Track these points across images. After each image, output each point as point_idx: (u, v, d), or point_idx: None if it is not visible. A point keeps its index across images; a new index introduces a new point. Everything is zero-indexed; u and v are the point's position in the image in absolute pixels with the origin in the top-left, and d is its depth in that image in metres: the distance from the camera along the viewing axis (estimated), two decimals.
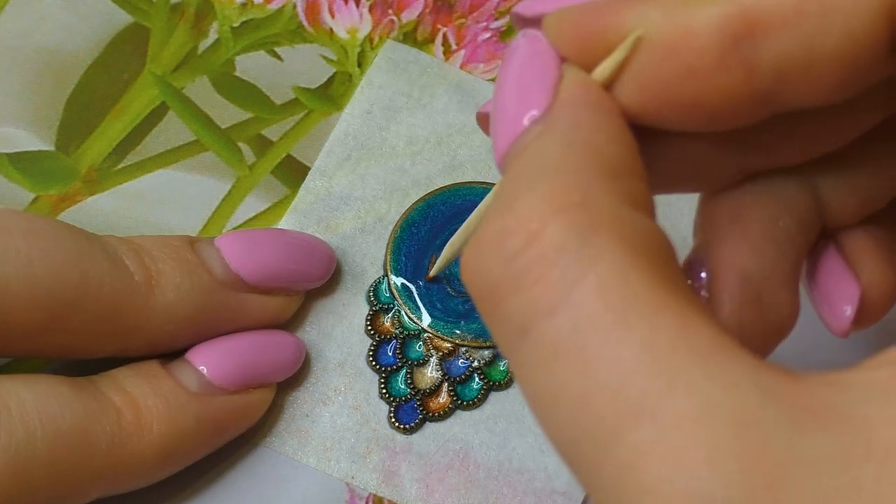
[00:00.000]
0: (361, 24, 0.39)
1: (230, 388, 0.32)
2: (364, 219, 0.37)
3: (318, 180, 0.37)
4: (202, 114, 0.38)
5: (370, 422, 0.34)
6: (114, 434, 0.30)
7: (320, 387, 0.35)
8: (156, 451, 0.31)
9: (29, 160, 0.37)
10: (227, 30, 0.39)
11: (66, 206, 0.37)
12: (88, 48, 0.39)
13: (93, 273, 0.30)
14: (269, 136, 0.38)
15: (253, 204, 0.37)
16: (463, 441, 0.34)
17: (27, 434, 0.28)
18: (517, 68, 0.25)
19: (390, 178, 0.37)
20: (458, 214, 0.36)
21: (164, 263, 0.32)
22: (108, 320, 0.31)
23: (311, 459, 0.34)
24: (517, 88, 0.24)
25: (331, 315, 0.36)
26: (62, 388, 0.30)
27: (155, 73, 0.38)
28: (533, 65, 0.24)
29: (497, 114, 0.24)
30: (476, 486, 0.34)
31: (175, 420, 0.31)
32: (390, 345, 0.35)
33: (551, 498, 0.34)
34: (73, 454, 0.29)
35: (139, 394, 0.31)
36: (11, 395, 0.29)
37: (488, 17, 0.39)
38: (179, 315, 0.32)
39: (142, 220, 0.37)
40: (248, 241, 0.33)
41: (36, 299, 0.29)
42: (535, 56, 0.25)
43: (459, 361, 0.35)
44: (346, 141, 0.38)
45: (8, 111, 0.38)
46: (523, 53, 0.25)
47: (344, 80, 0.38)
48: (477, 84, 0.38)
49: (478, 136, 0.38)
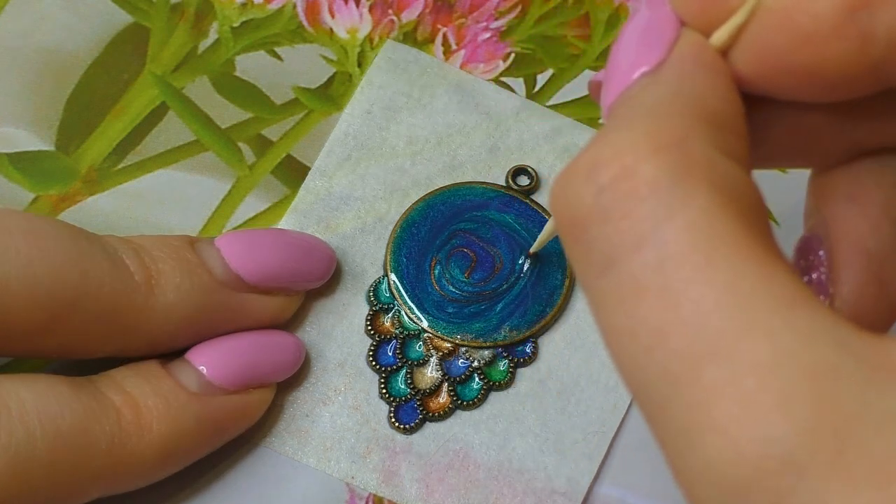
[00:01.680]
0: (361, 24, 0.39)
1: (230, 388, 0.32)
2: (364, 219, 0.37)
3: (318, 180, 0.37)
4: (202, 114, 0.38)
5: (370, 422, 0.34)
6: (114, 434, 0.30)
7: (320, 387, 0.35)
8: (156, 450, 0.31)
9: (29, 160, 0.37)
10: (227, 30, 0.39)
11: (66, 206, 0.37)
12: (88, 48, 0.39)
13: (93, 273, 0.30)
14: (269, 136, 0.38)
15: (253, 204, 0.37)
16: (463, 441, 0.34)
17: (27, 434, 0.28)
18: (635, 29, 0.25)
19: (390, 178, 0.37)
20: (458, 214, 0.36)
21: (164, 263, 0.32)
22: (107, 320, 0.31)
23: (311, 459, 0.34)
24: (633, 48, 0.25)
25: (331, 315, 0.36)
26: (62, 388, 0.30)
27: (155, 73, 0.38)
28: (651, 27, 0.25)
29: (610, 70, 0.25)
30: (476, 486, 0.34)
31: (175, 420, 0.31)
32: (390, 345, 0.35)
33: (551, 498, 0.34)
34: (73, 454, 0.29)
35: (139, 393, 0.31)
36: (11, 395, 0.29)
37: (488, 17, 0.39)
38: (179, 315, 0.32)
39: (142, 220, 0.37)
40: (248, 241, 0.33)
41: (36, 299, 0.29)
42: (654, 19, 0.25)
43: (459, 361, 0.35)
44: (346, 141, 0.38)
45: (8, 111, 0.38)
46: (644, 16, 0.25)
47: (344, 80, 0.38)
48: (477, 84, 0.38)
49: (478, 135, 0.38)
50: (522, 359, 0.35)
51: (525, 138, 0.38)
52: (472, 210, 0.36)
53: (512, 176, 0.37)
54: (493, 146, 0.38)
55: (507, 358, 0.35)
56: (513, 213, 0.36)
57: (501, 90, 0.38)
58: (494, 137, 0.38)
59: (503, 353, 0.35)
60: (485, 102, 0.38)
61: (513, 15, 0.39)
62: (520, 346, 0.35)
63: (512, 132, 0.38)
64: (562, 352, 0.35)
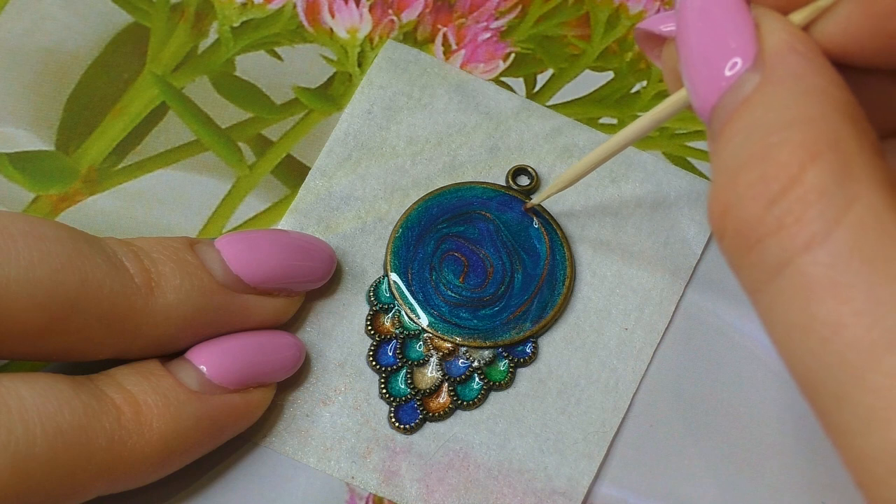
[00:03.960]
0: (361, 23, 0.39)
1: (230, 387, 0.32)
2: (364, 219, 0.37)
3: (318, 180, 0.37)
4: (202, 114, 0.38)
5: (370, 422, 0.34)
6: (113, 432, 0.30)
7: (320, 387, 0.35)
8: (155, 448, 0.31)
9: (29, 160, 0.37)
10: (227, 30, 0.39)
11: (66, 206, 0.37)
12: (88, 48, 0.39)
13: (92, 275, 0.30)
14: (269, 135, 0.38)
15: (253, 204, 0.37)
16: (463, 441, 0.34)
17: (27, 432, 0.28)
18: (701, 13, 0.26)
19: (390, 178, 0.37)
20: (458, 214, 0.36)
21: (164, 265, 0.32)
22: (107, 323, 0.31)
23: (311, 459, 0.34)
24: (711, 35, 0.25)
25: (331, 315, 0.36)
26: (62, 386, 0.30)
27: (155, 73, 0.38)
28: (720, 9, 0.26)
29: (692, 62, 0.26)
30: (476, 486, 0.34)
31: (175, 418, 0.31)
32: (390, 345, 0.35)
33: (551, 498, 0.34)
34: (73, 452, 0.29)
35: (139, 392, 0.31)
36: (11, 394, 0.29)
37: (488, 17, 0.39)
38: (179, 317, 0.32)
39: (142, 220, 0.37)
40: (248, 242, 0.33)
41: (36, 301, 0.29)
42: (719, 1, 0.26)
43: (459, 361, 0.35)
44: (347, 141, 0.38)
45: (8, 111, 0.38)
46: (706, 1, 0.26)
47: (344, 79, 0.38)
48: (477, 84, 0.38)
49: (478, 135, 0.38)
50: (522, 359, 0.35)
51: (525, 138, 0.38)
52: (472, 209, 0.36)
53: (512, 176, 0.37)
54: (493, 146, 0.37)
55: (507, 358, 0.35)
56: (513, 213, 0.36)
57: (501, 90, 0.38)
58: (494, 137, 0.38)
59: (503, 353, 0.35)
60: (485, 102, 0.38)
61: (513, 15, 0.39)
62: (520, 346, 0.35)
63: (512, 132, 0.38)
64: (562, 352, 0.35)
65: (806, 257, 0.23)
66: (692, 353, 0.35)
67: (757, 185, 0.24)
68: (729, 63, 0.25)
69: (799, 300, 0.23)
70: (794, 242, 0.23)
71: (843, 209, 0.23)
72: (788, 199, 0.23)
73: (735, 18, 0.25)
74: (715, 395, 0.35)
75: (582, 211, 0.37)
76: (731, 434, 0.34)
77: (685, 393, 0.35)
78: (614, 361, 0.35)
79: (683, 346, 0.35)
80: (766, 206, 0.23)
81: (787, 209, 0.23)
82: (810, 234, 0.23)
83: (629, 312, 0.36)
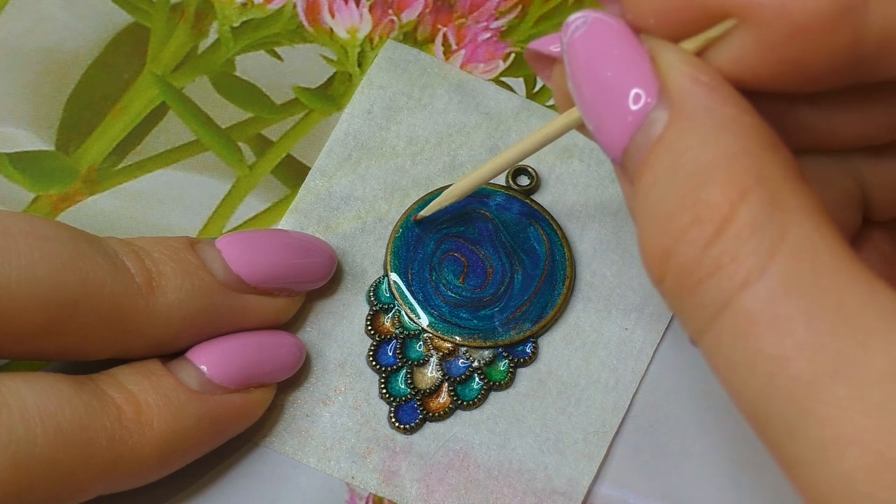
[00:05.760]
0: (361, 23, 0.39)
1: (230, 386, 0.32)
2: (364, 219, 0.37)
3: (318, 180, 0.37)
4: (202, 114, 0.38)
5: (370, 422, 0.34)
6: (114, 431, 0.30)
7: (320, 387, 0.35)
8: (156, 448, 0.31)
9: (29, 160, 0.37)
10: (227, 30, 0.39)
11: (66, 206, 0.37)
12: (88, 48, 0.39)
13: (93, 275, 0.30)
14: (269, 135, 0.38)
15: (253, 204, 0.37)
16: (463, 441, 0.34)
17: (27, 431, 0.28)
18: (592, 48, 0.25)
19: (390, 178, 0.37)
20: (458, 214, 0.36)
21: (165, 265, 0.32)
22: (108, 323, 0.31)
23: (311, 459, 0.34)
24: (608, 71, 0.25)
25: (331, 315, 0.36)
26: (62, 386, 0.30)
27: (155, 73, 0.38)
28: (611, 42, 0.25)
29: (592, 100, 0.25)
30: (476, 486, 0.34)
31: (175, 418, 0.31)
32: (390, 345, 0.35)
33: (551, 498, 0.34)
34: (74, 451, 0.29)
35: (139, 391, 0.31)
36: (12, 393, 0.29)
37: (488, 17, 0.39)
38: (180, 317, 0.32)
39: (142, 220, 0.37)
40: (249, 242, 0.33)
41: (36, 301, 0.29)
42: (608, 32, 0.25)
43: (459, 361, 0.35)
44: (347, 141, 0.38)
45: (8, 111, 0.38)
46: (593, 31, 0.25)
47: (344, 79, 0.38)
48: (477, 84, 0.38)
49: (478, 135, 0.38)
50: (522, 359, 0.35)
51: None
52: (471, 210, 0.36)
53: (512, 176, 0.37)
54: (493, 146, 0.38)
55: (507, 358, 0.35)
56: (512, 213, 0.36)
57: (502, 90, 0.38)
58: (494, 137, 0.38)
59: (503, 353, 0.35)
60: (485, 102, 0.38)
61: (513, 15, 0.39)
62: (520, 346, 0.35)
63: (512, 132, 0.38)
64: (562, 352, 0.35)
65: (745, 294, 0.23)
66: (692, 353, 0.35)
67: (691, 229, 0.23)
68: (631, 95, 0.24)
69: (742, 338, 0.23)
70: (732, 281, 0.23)
71: (776, 242, 0.23)
72: (723, 239, 0.23)
73: (631, 52, 0.25)
74: (715, 394, 0.35)
75: (582, 211, 0.37)
76: (732, 434, 0.35)
77: (685, 393, 0.35)
78: (614, 361, 0.35)
79: (683, 346, 0.35)
80: (703, 249, 0.23)
81: (722, 249, 0.23)
82: (747, 270, 0.23)
83: (629, 312, 0.36)
